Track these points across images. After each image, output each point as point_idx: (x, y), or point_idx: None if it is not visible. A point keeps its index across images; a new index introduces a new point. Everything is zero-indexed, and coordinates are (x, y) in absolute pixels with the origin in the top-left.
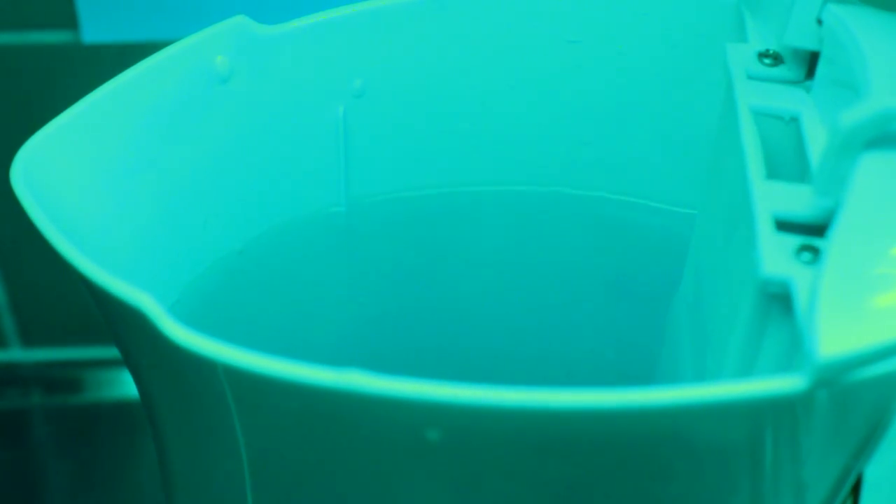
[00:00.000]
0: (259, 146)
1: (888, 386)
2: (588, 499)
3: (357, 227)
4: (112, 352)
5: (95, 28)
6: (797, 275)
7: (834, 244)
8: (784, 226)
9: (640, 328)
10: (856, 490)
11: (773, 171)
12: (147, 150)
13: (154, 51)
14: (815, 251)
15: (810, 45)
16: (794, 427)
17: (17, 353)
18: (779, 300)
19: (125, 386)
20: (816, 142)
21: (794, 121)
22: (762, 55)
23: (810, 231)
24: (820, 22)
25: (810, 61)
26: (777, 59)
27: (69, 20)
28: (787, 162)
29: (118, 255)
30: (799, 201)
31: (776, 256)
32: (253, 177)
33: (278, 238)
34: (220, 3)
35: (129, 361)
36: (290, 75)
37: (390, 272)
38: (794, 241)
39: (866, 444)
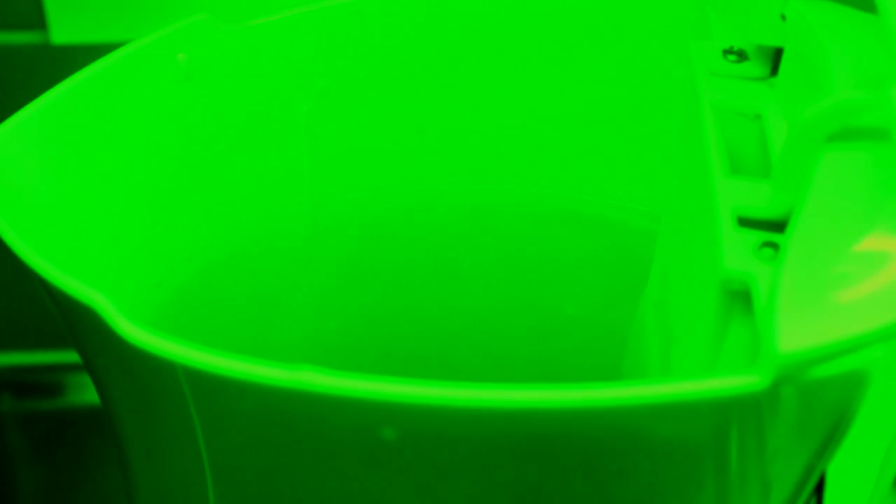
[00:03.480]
0: (222, 145)
1: (849, 383)
2: (549, 499)
3: (324, 229)
4: None
5: (64, 28)
6: (758, 271)
7: (793, 240)
8: (745, 222)
9: (609, 321)
10: (819, 489)
11: (738, 169)
12: (104, 149)
13: None
14: (776, 247)
15: (774, 41)
16: (759, 424)
17: None
18: (740, 297)
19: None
20: (779, 138)
21: (758, 117)
22: (726, 52)
23: (772, 227)
24: (783, 18)
25: (774, 58)
26: (741, 55)
27: (37, 20)
28: (751, 159)
29: (75, 258)
30: (760, 198)
31: (737, 253)
32: (216, 176)
33: (243, 239)
34: (190, 3)
35: (88, 365)
36: (253, 73)
37: (358, 274)
38: (756, 237)
39: (829, 442)
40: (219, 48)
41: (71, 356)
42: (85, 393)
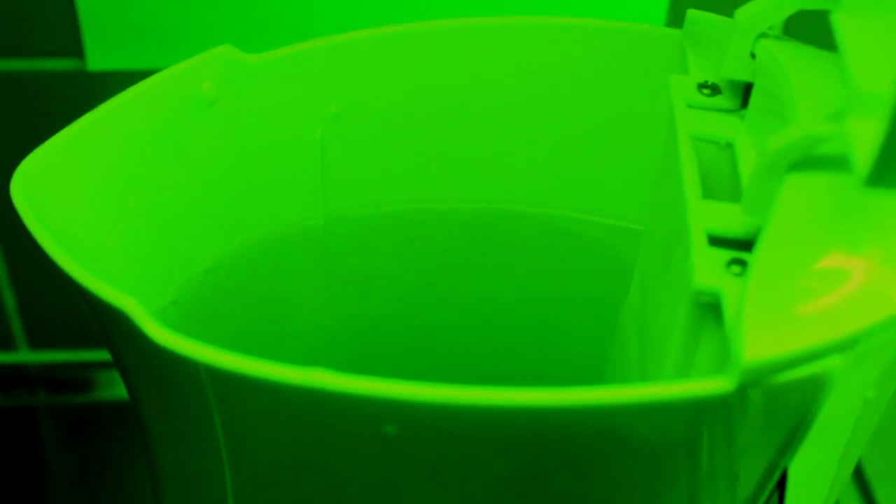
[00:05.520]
0: (241, 164)
1: (810, 387)
2: (537, 490)
3: (334, 242)
4: None
5: (100, 56)
6: (726, 285)
7: (758, 258)
8: (716, 241)
9: (592, 331)
10: (781, 484)
11: (710, 192)
12: (137, 167)
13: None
14: (743, 264)
15: (744, 76)
16: (728, 424)
17: (25, 355)
18: (711, 309)
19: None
20: (748, 165)
21: (729, 146)
22: (701, 86)
23: (741, 246)
24: (753, 56)
25: (745, 92)
26: (715, 89)
27: (75, 48)
28: (723, 183)
29: (108, 265)
30: (730, 219)
31: (708, 269)
32: (235, 193)
33: (257, 251)
34: (217, 33)
35: (118, 363)
36: (272, 100)
37: (364, 281)
38: (725, 255)
39: (791, 440)
40: (241, 76)
41: (100, 355)
42: (113, 389)
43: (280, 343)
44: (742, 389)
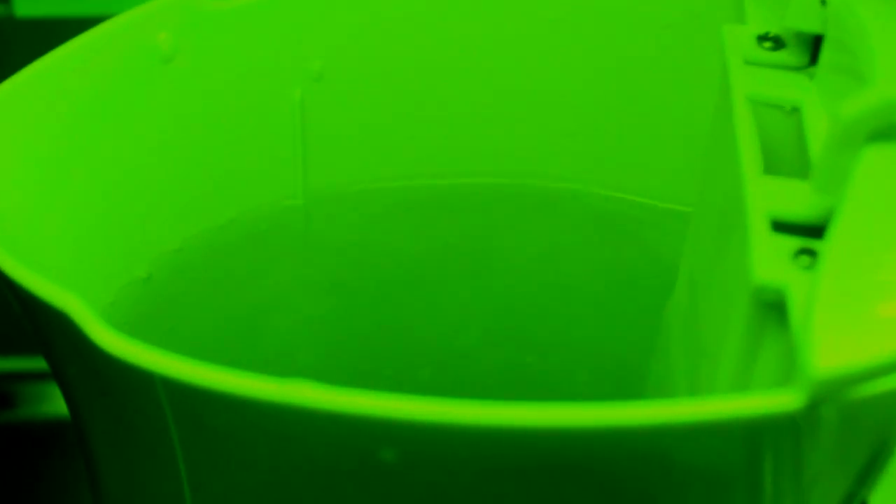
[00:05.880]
0: (206, 133)
1: (892, 404)
2: None
3: (315, 222)
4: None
5: (30, 1)
6: (793, 281)
7: (831, 246)
8: (781, 226)
9: (630, 335)
10: None
11: (774, 167)
12: (80, 136)
13: (92, 26)
14: (813, 254)
15: (813, 27)
16: (796, 448)
17: None
18: (775, 309)
19: (60, 401)
20: (818, 134)
21: (796, 111)
22: (762, 38)
23: (810, 232)
24: (823, 3)
25: (814, 45)
26: (778, 42)
27: None
28: (788, 156)
29: (46, 253)
30: (797, 199)
31: (770, 261)
32: (199, 167)
33: (228, 234)
34: None
35: (57, 374)
36: (242, 55)
37: (351, 270)
38: (792, 243)
39: (871, 467)
40: (203, 26)
41: (26, 363)
42: (42, 404)
43: (252, 350)
44: (812, 406)
